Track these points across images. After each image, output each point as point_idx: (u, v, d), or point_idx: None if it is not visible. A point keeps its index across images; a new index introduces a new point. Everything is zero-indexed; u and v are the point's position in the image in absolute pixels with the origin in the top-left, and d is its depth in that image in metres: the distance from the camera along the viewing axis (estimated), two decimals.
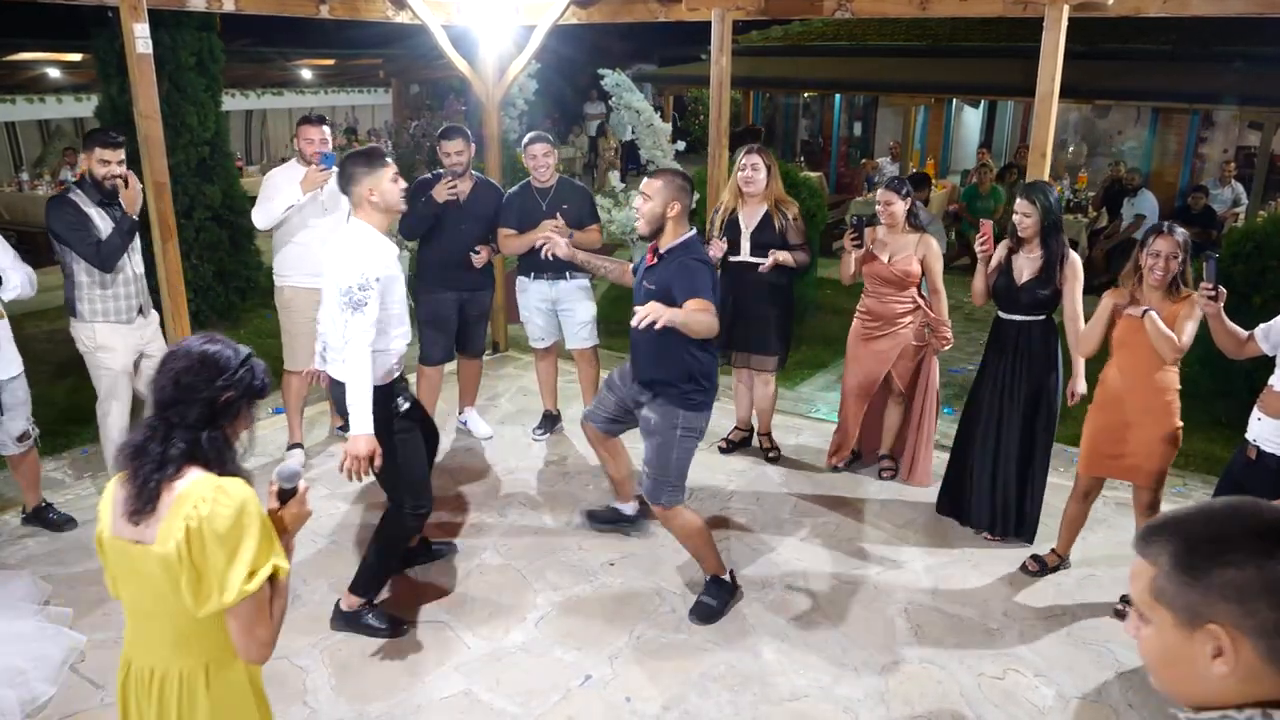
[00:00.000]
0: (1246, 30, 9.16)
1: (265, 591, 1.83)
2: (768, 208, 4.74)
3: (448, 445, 5.37)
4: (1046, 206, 3.96)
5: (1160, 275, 3.50)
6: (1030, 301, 4.06)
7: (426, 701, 3.24)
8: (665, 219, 3.48)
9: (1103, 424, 3.77)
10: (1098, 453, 3.81)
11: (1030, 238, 4.03)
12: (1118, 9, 4.46)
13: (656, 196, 3.46)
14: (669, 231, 3.51)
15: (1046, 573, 4.06)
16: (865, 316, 4.79)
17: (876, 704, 3.25)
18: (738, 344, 5.00)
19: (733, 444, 5.30)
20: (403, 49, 14.04)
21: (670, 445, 3.58)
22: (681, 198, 3.48)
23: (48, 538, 4.26)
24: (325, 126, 4.79)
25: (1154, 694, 3.31)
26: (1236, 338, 3.32)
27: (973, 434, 4.36)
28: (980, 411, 4.31)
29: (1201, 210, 9.36)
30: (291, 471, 1.97)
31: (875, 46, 12.48)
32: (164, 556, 1.78)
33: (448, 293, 5.01)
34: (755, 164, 4.70)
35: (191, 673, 1.88)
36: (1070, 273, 4.00)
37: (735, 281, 4.83)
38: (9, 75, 12.84)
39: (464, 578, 4.01)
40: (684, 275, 3.40)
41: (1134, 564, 1.19)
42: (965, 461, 4.40)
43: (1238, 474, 3.32)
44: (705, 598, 3.76)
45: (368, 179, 3.24)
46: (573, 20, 6.06)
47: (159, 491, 1.80)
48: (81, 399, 5.89)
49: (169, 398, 1.86)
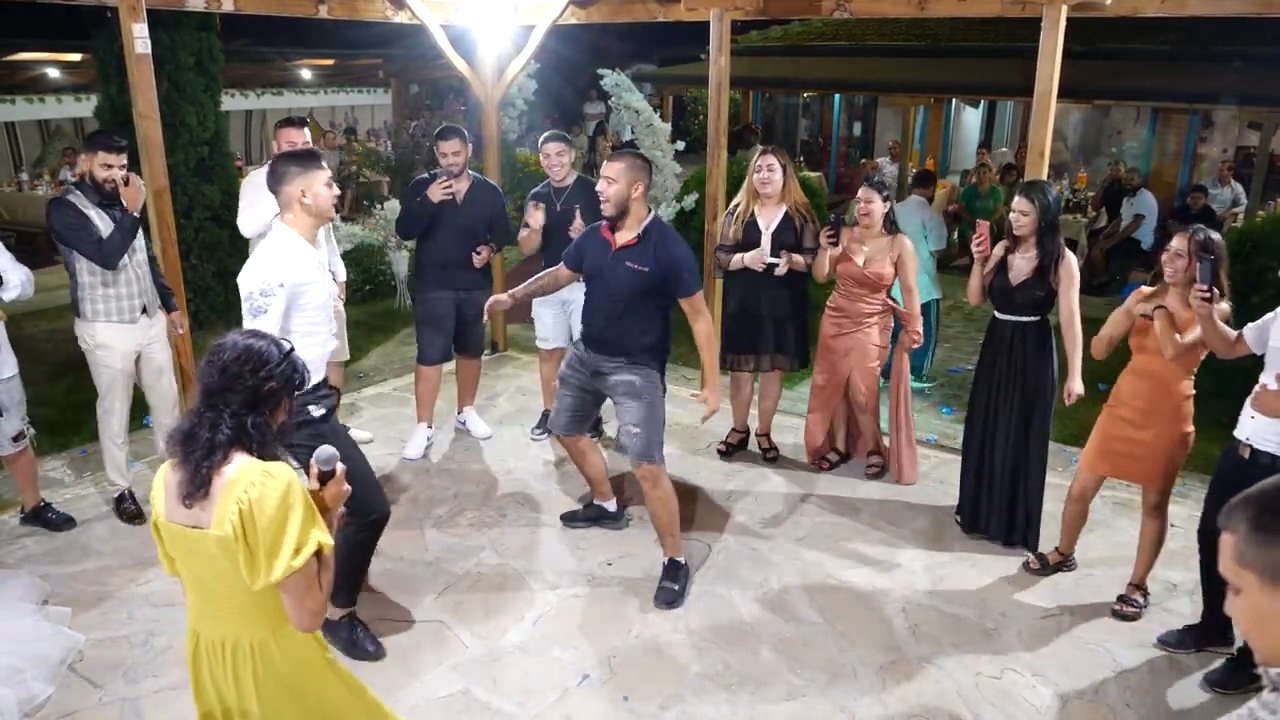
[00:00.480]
0: (1245, 30, 9.17)
1: (312, 566, 1.94)
2: (787, 209, 4.75)
3: (446, 445, 5.37)
4: (1045, 205, 3.95)
5: (1172, 273, 3.52)
6: (1026, 302, 4.05)
7: (424, 701, 3.24)
8: (630, 200, 3.59)
9: (1116, 423, 3.76)
10: (1108, 451, 3.79)
11: (1027, 236, 4.02)
12: (1116, 9, 4.46)
13: (621, 179, 3.55)
14: (634, 212, 3.63)
15: (1049, 571, 4.06)
16: (834, 313, 4.83)
17: (874, 704, 3.25)
18: (759, 346, 5.00)
19: (731, 446, 5.30)
20: (402, 49, 14.03)
21: (657, 402, 3.77)
22: (644, 178, 3.62)
23: (46, 537, 4.26)
24: (306, 129, 4.81)
25: (1151, 694, 3.31)
26: (1226, 338, 3.32)
27: (971, 439, 4.36)
28: (977, 413, 4.32)
29: (1200, 210, 9.36)
30: (330, 454, 2.10)
31: (875, 46, 12.48)
32: (221, 539, 1.89)
33: (444, 292, 5.01)
34: (771, 165, 4.71)
35: (262, 640, 2.02)
36: (1066, 273, 3.99)
37: (756, 283, 4.83)
38: (9, 75, 12.84)
39: (462, 577, 4.01)
40: (679, 268, 3.63)
41: (1221, 540, 1.30)
42: (969, 465, 4.39)
43: (1232, 473, 3.31)
44: (668, 583, 3.83)
45: (301, 179, 3.12)
46: (571, 20, 6.06)
47: (210, 477, 1.91)
48: (81, 398, 5.89)
49: (216, 386, 1.99)
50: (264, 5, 5.39)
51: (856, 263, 4.64)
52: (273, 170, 3.19)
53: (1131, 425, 3.69)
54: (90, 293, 4.20)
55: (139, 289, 4.28)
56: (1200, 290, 3.23)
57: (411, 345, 6.49)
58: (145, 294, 4.31)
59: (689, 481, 4.93)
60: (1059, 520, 4.16)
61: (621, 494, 4.55)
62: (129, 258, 4.20)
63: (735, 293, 4.97)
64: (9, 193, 11.14)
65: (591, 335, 3.86)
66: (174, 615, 3.67)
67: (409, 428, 5.42)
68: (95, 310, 4.21)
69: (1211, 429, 5.53)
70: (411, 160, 10.27)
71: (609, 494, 4.41)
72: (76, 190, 4.17)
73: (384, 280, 8.58)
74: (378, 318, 8.14)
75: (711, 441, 5.37)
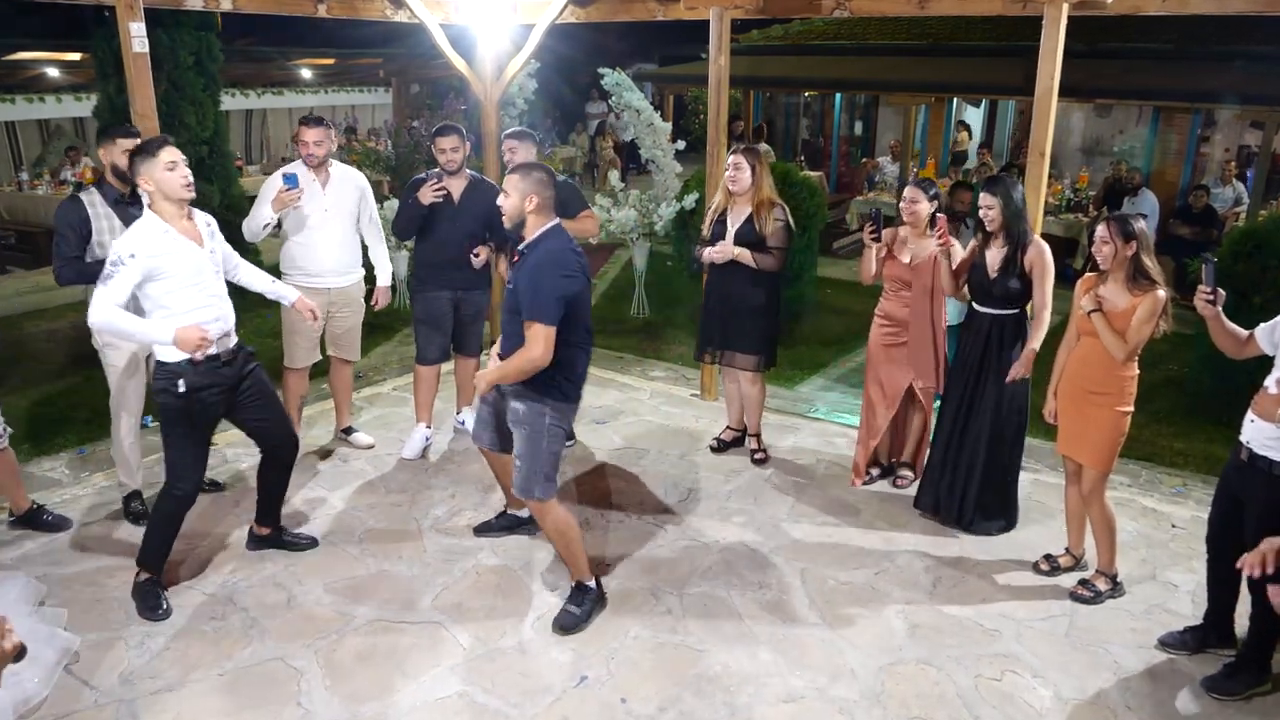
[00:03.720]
0: (1247, 29, 9.14)
1: None
2: (751, 209, 4.74)
3: (444, 445, 5.36)
4: (1007, 196, 4.04)
5: (1102, 260, 3.63)
6: (1001, 294, 4.12)
7: (421, 702, 3.22)
8: (525, 213, 3.46)
9: (1066, 405, 3.88)
10: (1063, 433, 3.92)
11: (997, 230, 4.10)
12: (1117, 7, 4.44)
13: (514, 192, 3.44)
14: (530, 225, 3.49)
15: (1060, 572, 4.04)
16: (885, 322, 4.67)
17: (873, 705, 3.24)
18: (720, 343, 5.01)
19: (724, 443, 5.29)
20: (402, 48, 14.03)
21: (540, 434, 3.51)
22: (540, 190, 3.43)
23: (46, 538, 4.24)
24: (322, 127, 4.75)
25: (1152, 696, 3.30)
26: (1236, 338, 3.30)
27: (942, 425, 4.42)
28: (950, 403, 4.37)
29: (1202, 209, 9.34)
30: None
31: (875, 46, 12.47)
32: None
33: (442, 291, 4.99)
34: (738, 163, 4.71)
35: None
36: (1038, 262, 4.05)
37: (720, 280, 4.85)
38: (8, 75, 12.83)
39: (460, 578, 3.99)
40: (530, 286, 3.35)
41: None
42: (938, 455, 4.44)
43: (1233, 476, 3.30)
44: (570, 606, 3.67)
45: (143, 169, 3.39)
46: (571, 19, 6.04)
47: None
48: (79, 398, 5.90)
49: None
50: (262, 4, 5.38)
51: (902, 261, 4.54)
52: (130, 167, 3.53)
53: (1078, 406, 3.80)
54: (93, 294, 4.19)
55: None
56: (1204, 292, 3.22)
57: (410, 345, 6.49)
58: None
59: (688, 483, 4.91)
60: (1061, 521, 4.15)
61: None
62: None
63: (707, 288, 5.01)
64: (9, 192, 11.14)
65: (500, 354, 3.63)
66: (171, 618, 3.66)
67: (407, 428, 5.40)
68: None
69: (1213, 429, 5.56)
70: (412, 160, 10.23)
71: (522, 503, 4.17)
72: (94, 190, 4.14)
73: None
74: (377, 317, 8.09)
75: (707, 439, 5.35)
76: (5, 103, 12.40)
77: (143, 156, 3.42)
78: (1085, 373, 3.76)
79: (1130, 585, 3.95)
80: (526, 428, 3.52)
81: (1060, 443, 3.95)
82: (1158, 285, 3.56)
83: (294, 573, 3.99)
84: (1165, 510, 4.68)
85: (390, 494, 4.74)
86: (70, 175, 11.16)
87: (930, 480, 4.50)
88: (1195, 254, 8.06)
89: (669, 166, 8.40)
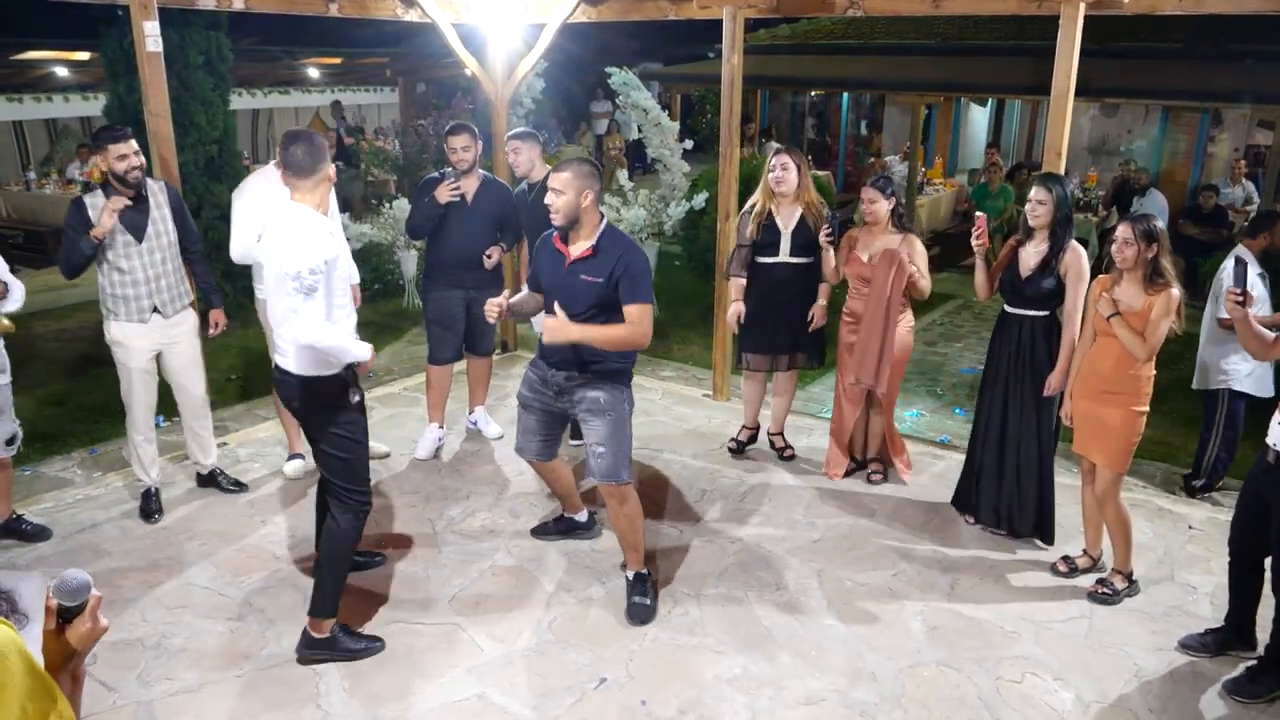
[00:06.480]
0: (1258, 28, 9.10)
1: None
2: (802, 209, 4.74)
3: (457, 445, 5.34)
4: (1062, 197, 4.00)
5: (1121, 260, 3.63)
6: (1035, 294, 4.07)
7: (439, 704, 3.21)
8: (580, 209, 3.44)
9: (1081, 405, 3.86)
10: (1079, 433, 3.90)
11: (1041, 227, 4.04)
12: (1134, 7, 4.41)
13: (568, 189, 3.40)
14: (586, 222, 3.48)
15: (1078, 574, 4.02)
16: (849, 319, 4.77)
17: (893, 708, 3.22)
18: (776, 346, 4.97)
19: (741, 444, 5.27)
20: (409, 48, 14.01)
21: (624, 419, 3.62)
22: (593, 184, 3.45)
23: (59, 539, 4.24)
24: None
25: (1174, 698, 3.28)
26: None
27: (979, 429, 4.38)
28: (984, 407, 4.34)
29: (1211, 209, 9.31)
30: (77, 584, 1.53)
31: (883, 45, 12.44)
32: None
33: (455, 291, 4.98)
34: (785, 164, 4.69)
35: None
36: (1074, 265, 4.00)
37: (774, 282, 4.82)
38: (16, 74, 12.82)
39: (476, 579, 3.98)
40: (631, 277, 3.42)
41: None
42: (975, 457, 4.41)
43: (1258, 478, 3.29)
44: (640, 599, 3.72)
45: (321, 169, 3.24)
46: (582, 18, 6.02)
47: None
48: (91, 399, 5.89)
49: None
50: (275, 3, 5.37)
51: (862, 258, 4.61)
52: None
53: (1094, 406, 3.80)
54: (102, 292, 4.23)
55: (148, 289, 4.23)
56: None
57: (421, 345, 6.47)
58: (158, 294, 4.26)
59: (703, 484, 4.90)
60: (1079, 526, 4.13)
61: (594, 502, 4.42)
62: (139, 259, 4.17)
63: (754, 291, 4.91)
64: (16, 191, 11.14)
65: (553, 352, 3.62)
66: (188, 618, 3.65)
67: (419, 428, 5.39)
68: (108, 309, 4.23)
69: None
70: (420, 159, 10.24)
71: (579, 506, 4.31)
72: (100, 191, 4.14)
73: (393, 279, 8.57)
74: (386, 317, 8.12)
75: (727, 443, 5.33)
76: (13, 102, 12.39)
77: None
78: (1101, 372, 3.75)
79: (1148, 587, 3.94)
80: (611, 414, 3.58)
81: (1076, 442, 3.93)
82: (1172, 284, 3.56)
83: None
84: (1182, 512, 4.66)
85: (404, 495, 4.73)
86: (78, 174, 11.15)
87: (967, 483, 4.48)
88: (1205, 254, 8.05)
89: (676, 166, 8.39)
